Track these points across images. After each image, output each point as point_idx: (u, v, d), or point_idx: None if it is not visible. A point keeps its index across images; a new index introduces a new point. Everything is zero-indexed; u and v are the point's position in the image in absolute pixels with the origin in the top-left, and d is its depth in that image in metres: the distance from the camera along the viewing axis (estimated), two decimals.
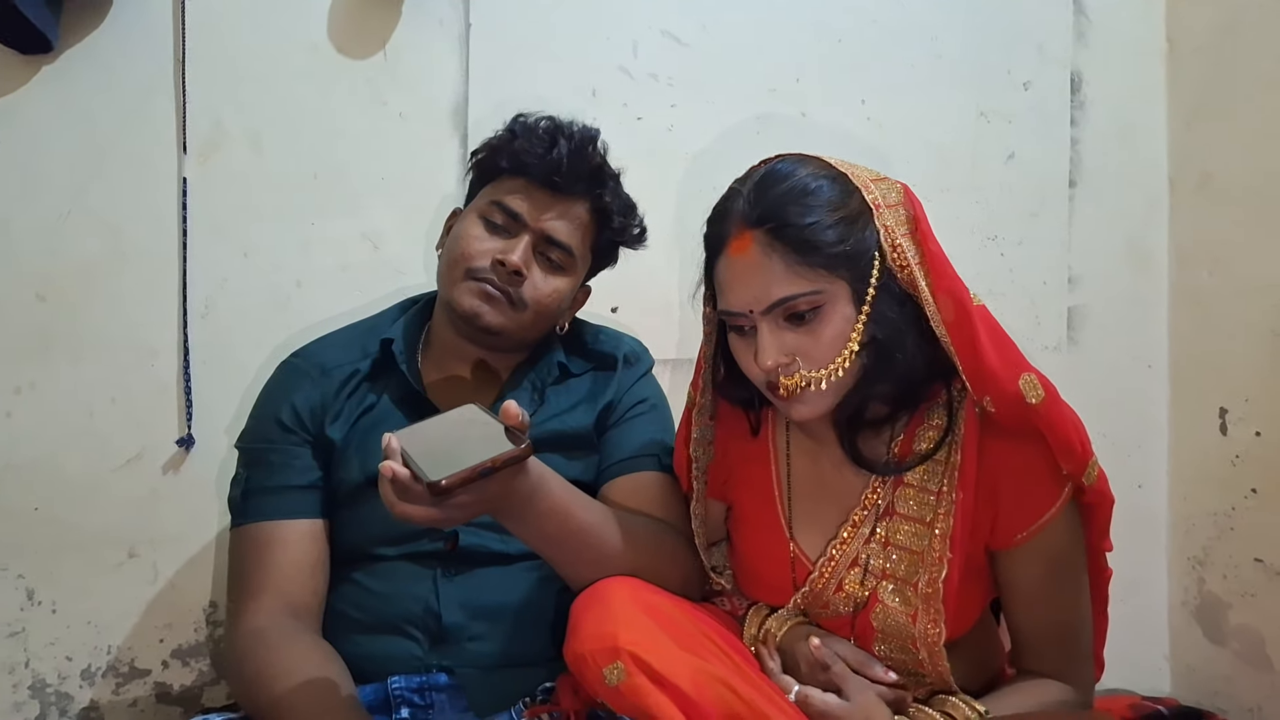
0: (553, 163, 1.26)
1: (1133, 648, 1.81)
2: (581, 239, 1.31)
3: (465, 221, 1.30)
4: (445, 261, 1.31)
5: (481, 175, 1.34)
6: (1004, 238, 1.78)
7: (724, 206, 1.08)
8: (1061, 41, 1.80)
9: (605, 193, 1.31)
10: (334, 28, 1.58)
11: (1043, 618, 1.13)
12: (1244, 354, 1.62)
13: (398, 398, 1.30)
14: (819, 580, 1.14)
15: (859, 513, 1.14)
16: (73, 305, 1.50)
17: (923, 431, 1.12)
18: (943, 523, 1.09)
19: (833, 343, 1.03)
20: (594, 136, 1.32)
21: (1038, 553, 1.11)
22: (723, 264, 1.06)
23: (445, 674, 1.21)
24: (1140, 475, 1.81)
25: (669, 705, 1.00)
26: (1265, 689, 1.59)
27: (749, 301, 1.03)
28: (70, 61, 1.49)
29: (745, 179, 1.08)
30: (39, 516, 1.49)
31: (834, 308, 1.02)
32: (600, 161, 1.31)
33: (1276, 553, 1.57)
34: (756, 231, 1.02)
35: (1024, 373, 1.05)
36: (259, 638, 1.15)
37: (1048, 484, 1.09)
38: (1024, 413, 1.05)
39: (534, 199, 1.27)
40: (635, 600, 1.08)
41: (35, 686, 1.50)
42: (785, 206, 1.01)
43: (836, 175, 1.06)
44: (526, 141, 1.28)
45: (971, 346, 1.03)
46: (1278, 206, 1.57)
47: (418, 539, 1.23)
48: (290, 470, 1.25)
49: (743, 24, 1.71)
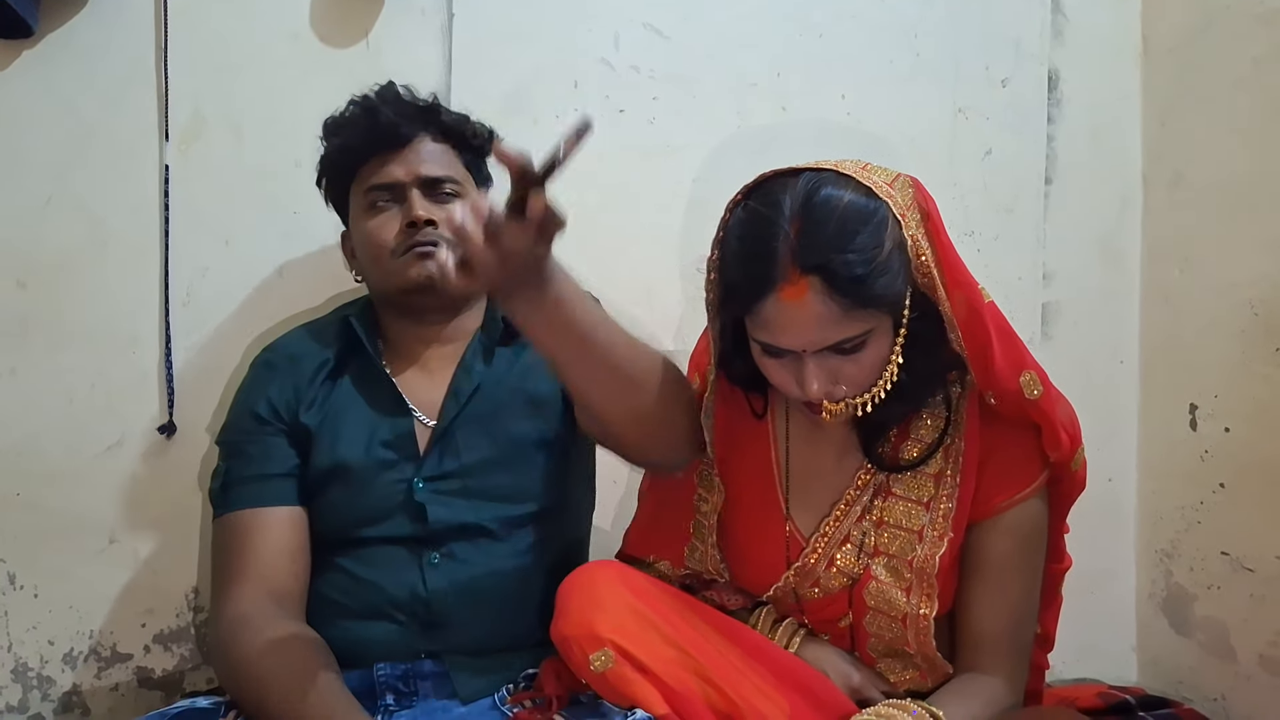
0: (384, 126, 1.30)
1: (1101, 638, 1.84)
2: (451, 163, 1.35)
3: (358, 226, 1.34)
4: (368, 264, 1.35)
5: (338, 190, 1.38)
6: (980, 234, 1.80)
7: (763, 245, 1.00)
8: (1039, 39, 1.81)
9: (441, 115, 1.35)
10: (316, 16, 1.58)
11: (998, 600, 1.15)
12: (1214, 351, 1.65)
13: (364, 382, 1.33)
14: (812, 555, 1.17)
15: (852, 492, 1.17)
16: (53, 292, 1.50)
17: (922, 421, 1.15)
18: (945, 503, 1.13)
19: (875, 367, 1.05)
20: (394, 86, 1.36)
21: (1010, 527, 1.14)
22: (770, 306, 1.00)
23: (430, 660, 1.23)
24: (1110, 469, 1.83)
25: (654, 693, 1.03)
26: (1229, 679, 1.62)
27: (802, 345, 1.02)
28: (51, 48, 1.48)
29: (777, 206, 1.01)
30: (20, 502, 1.49)
31: (878, 337, 1.04)
32: (413, 97, 1.36)
33: (1243, 546, 1.60)
34: (813, 279, 0.98)
35: (1025, 370, 1.09)
36: (242, 623, 1.17)
37: (1032, 462, 1.14)
38: (1023, 406, 1.09)
39: (392, 163, 1.31)
40: (623, 584, 1.10)
41: (17, 670, 1.51)
42: (840, 254, 0.97)
43: (867, 193, 1.02)
44: (352, 133, 1.32)
45: (984, 349, 1.06)
46: (1248, 206, 1.59)
47: (393, 516, 1.26)
48: (268, 460, 1.28)
49: (724, 18, 1.71)
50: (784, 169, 1.05)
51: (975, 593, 1.16)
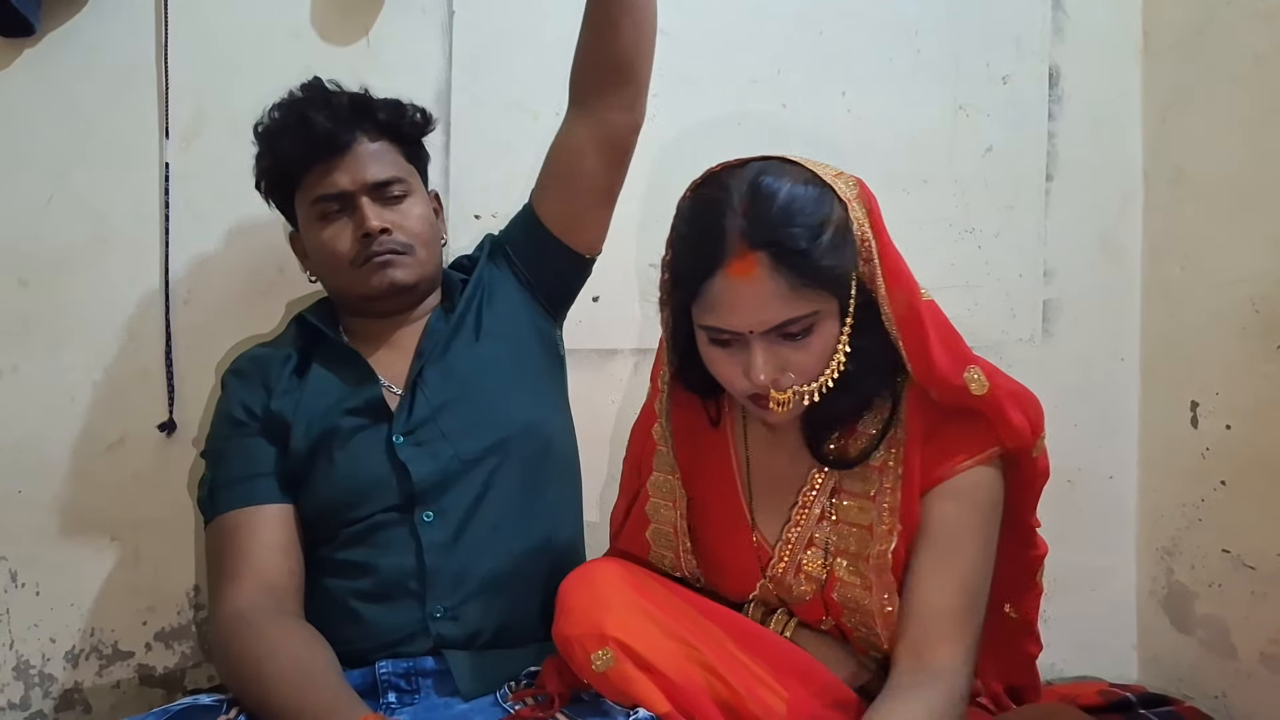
0: (320, 136, 1.30)
1: (1101, 635, 1.84)
2: (394, 161, 1.36)
3: (310, 234, 1.35)
4: (326, 272, 1.37)
5: (283, 195, 1.38)
6: (981, 230, 1.80)
7: (711, 222, 1.02)
8: (1039, 36, 1.81)
9: (376, 112, 1.35)
10: (317, 14, 1.58)
11: (947, 571, 1.09)
12: (1215, 348, 1.65)
13: (332, 363, 1.36)
14: (778, 565, 1.16)
15: (808, 493, 1.16)
16: (55, 290, 1.50)
17: (868, 416, 1.14)
18: (890, 495, 1.11)
19: (822, 355, 1.04)
20: (320, 84, 1.36)
21: (958, 491, 1.10)
22: (719, 284, 1.01)
23: (432, 658, 1.24)
24: (1111, 466, 1.84)
25: (656, 692, 1.03)
26: (1229, 676, 1.62)
27: (750, 324, 1.02)
28: (52, 45, 1.49)
29: (726, 189, 1.03)
30: (22, 499, 1.50)
31: (825, 323, 1.04)
32: (345, 97, 1.35)
33: (1243, 544, 1.60)
34: (761, 254, 0.99)
35: (968, 366, 1.07)
36: (241, 619, 1.17)
37: (982, 435, 1.10)
38: (967, 402, 1.08)
39: (336, 171, 1.31)
40: (625, 580, 1.10)
41: (19, 668, 1.51)
42: (788, 227, 0.99)
43: (813, 178, 1.04)
44: (288, 144, 1.32)
45: (921, 344, 1.05)
46: (1249, 202, 1.59)
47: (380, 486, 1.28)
48: (250, 460, 1.30)
49: (725, 15, 1.71)
50: (731, 160, 1.07)
51: (923, 562, 1.10)
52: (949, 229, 1.79)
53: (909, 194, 1.77)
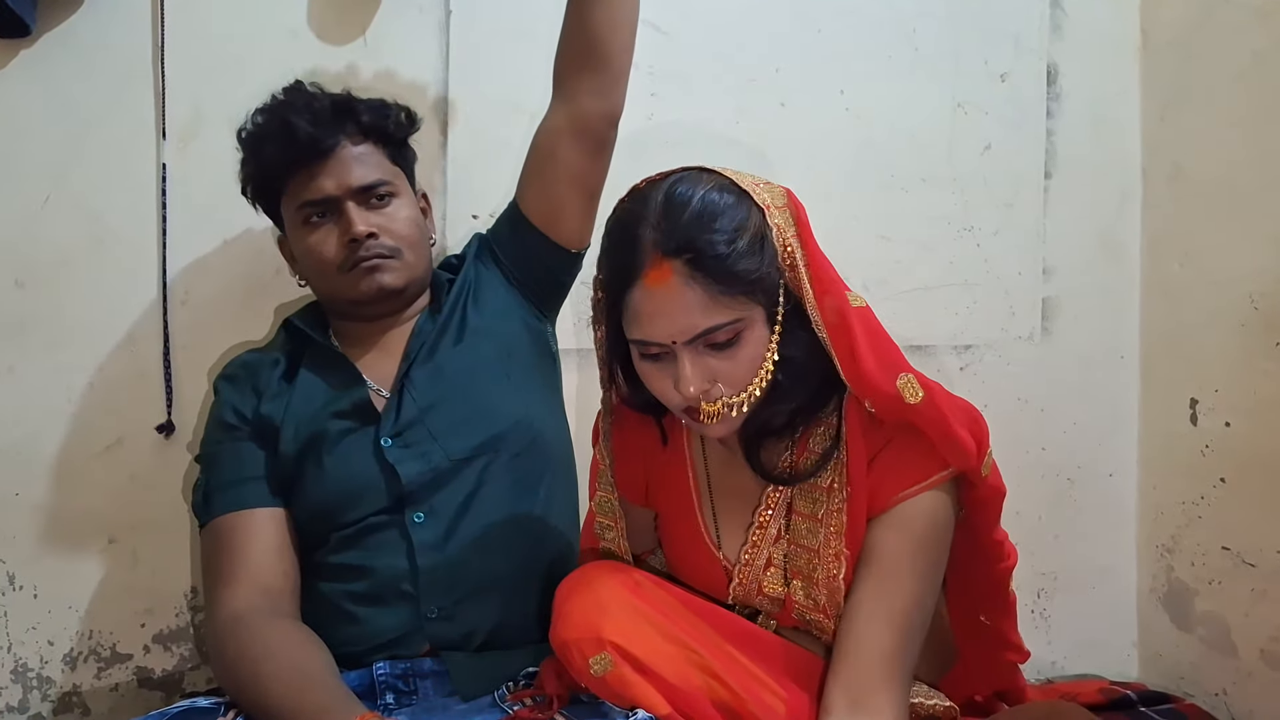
0: (303, 143, 1.29)
1: (1102, 633, 1.84)
2: (379, 164, 1.35)
3: (297, 240, 1.35)
4: (314, 278, 1.37)
5: (269, 200, 1.38)
6: (980, 228, 1.80)
7: (628, 234, 1.03)
8: (1038, 34, 1.81)
9: (360, 114, 1.35)
10: (314, 14, 1.58)
11: (883, 604, 1.06)
12: (1214, 345, 1.65)
13: (320, 367, 1.36)
14: (739, 587, 1.16)
15: (764, 513, 1.14)
16: (52, 291, 1.50)
17: (817, 433, 1.12)
18: (835, 519, 1.09)
19: (750, 364, 1.03)
20: (302, 87, 1.36)
21: (902, 521, 1.07)
22: (638, 295, 1.01)
23: (430, 659, 1.23)
24: (1111, 464, 1.84)
25: (655, 695, 1.02)
26: (1230, 674, 1.62)
27: (672, 334, 1.01)
28: (48, 46, 1.49)
29: (644, 201, 1.04)
30: (19, 502, 1.50)
31: (751, 330, 1.02)
32: (328, 100, 1.35)
33: (1244, 541, 1.59)
34: (675, 262, 0.99)
35: (901, 373, 1.05)
36: (237, 622, 1.18)
37: (929, 457, 1.07)
38: (903, 412, 1.05)
39: (321, 176, 1.31)
40: (622, 584, 1.10)
41: (17, 670, 1.51)
42: (701, 234, 0.99)
43: (730, 185, 1.04)
44: (272, 150, 1.31)
45: (849, 350, 1.04)
46: (1248, 199, 1.59)
47: (369, 489, 1.28)
48: (242, 464, 1.30)
49: (723, 14, 1.71)
50: (656, 174, 1.07)
51: (862, 593, 1.07)
52: (948, 227, 1.79)
53: (908, 192, 1.77)
